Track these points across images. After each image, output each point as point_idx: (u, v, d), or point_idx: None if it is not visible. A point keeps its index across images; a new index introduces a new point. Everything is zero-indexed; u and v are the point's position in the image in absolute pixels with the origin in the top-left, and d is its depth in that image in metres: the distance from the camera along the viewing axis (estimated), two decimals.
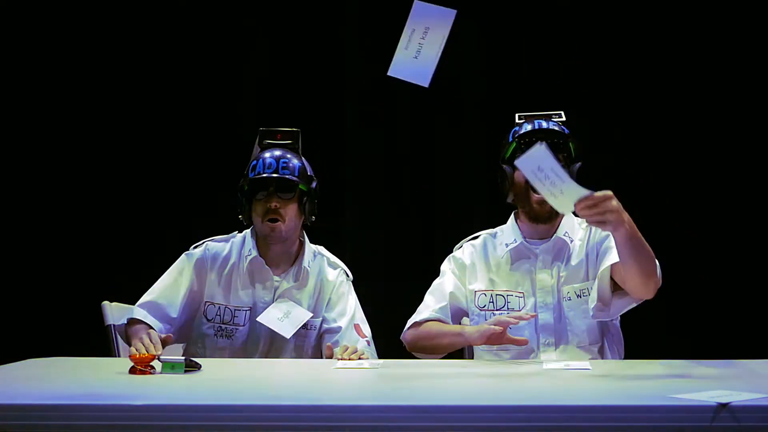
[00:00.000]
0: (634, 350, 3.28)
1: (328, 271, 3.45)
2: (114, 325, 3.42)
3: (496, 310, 3.23)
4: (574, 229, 3.26)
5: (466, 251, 3.35)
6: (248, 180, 3.36)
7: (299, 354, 3.35)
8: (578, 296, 3.19)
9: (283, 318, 3.28)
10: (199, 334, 3.37)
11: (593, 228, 3.23)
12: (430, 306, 3.29)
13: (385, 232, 4.75)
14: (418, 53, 2.75)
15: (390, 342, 3.41)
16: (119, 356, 3.37)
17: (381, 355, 3.20)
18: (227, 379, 2.65)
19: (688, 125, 4.61)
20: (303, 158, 3.43)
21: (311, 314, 3.33)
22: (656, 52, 4.64)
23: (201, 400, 2.21)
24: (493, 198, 4.66)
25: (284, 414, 2.12)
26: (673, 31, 4.63)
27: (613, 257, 3.03)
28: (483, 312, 3.25)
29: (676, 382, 2.50)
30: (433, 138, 4.77)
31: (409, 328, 3.27)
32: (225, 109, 4.76)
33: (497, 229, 3.36)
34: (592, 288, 3.13)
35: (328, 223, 3.70)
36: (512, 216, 3.33)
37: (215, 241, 3.46)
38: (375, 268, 4.52)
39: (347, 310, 3.40)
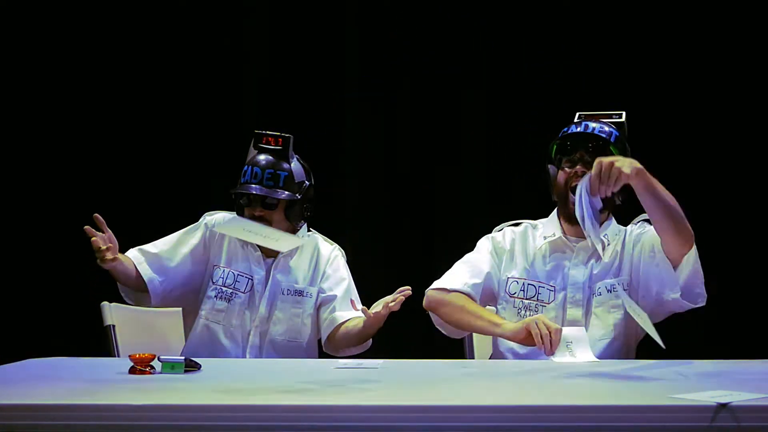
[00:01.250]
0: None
1: (323, 245, 3.56)
2: (113, 326, 3.43)
3: (526, 299, 3.23)
4: (613, 233, 3.27)
5: (507, 236, 3.33)
6: (237, 185, 3.45)
7: (295, 323, 3.44)
8: (608, 291, 3.19)
9: None
10: (205, 297, 3.46)
11: (630, 229, 3.28)
12: (462, 278, 3.26)
13: (385, 233, 4.75)
14: None
15: (390, 342, 3.41)
16: (119, 356, 3.38)
17: (382, 355, 3.19)
18: (227, 379, 2.65)
19: (690, 124, 4.61)
20: (297, 162, 3.46)
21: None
22: (656, 52, 4.63)
23: (201, 400, 2.21)
24: (494, 198, 4.69)
25: (284, 414, 2.12)
26: (673, 31, 4.62)
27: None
28: (512, 299, 3.25)
29: (676, 382, 2.50)
30: (433, 138, 4.77)
31: (435, 289, 3.25)
32: (225, 108, 4.76)
33: (538, 221, 3.35)
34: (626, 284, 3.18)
35: (327, 223, 3.70)
36: (555, 210, 3.32)
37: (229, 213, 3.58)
38: (375, 269, 4.51)
39: (342, 281, 3.50)
